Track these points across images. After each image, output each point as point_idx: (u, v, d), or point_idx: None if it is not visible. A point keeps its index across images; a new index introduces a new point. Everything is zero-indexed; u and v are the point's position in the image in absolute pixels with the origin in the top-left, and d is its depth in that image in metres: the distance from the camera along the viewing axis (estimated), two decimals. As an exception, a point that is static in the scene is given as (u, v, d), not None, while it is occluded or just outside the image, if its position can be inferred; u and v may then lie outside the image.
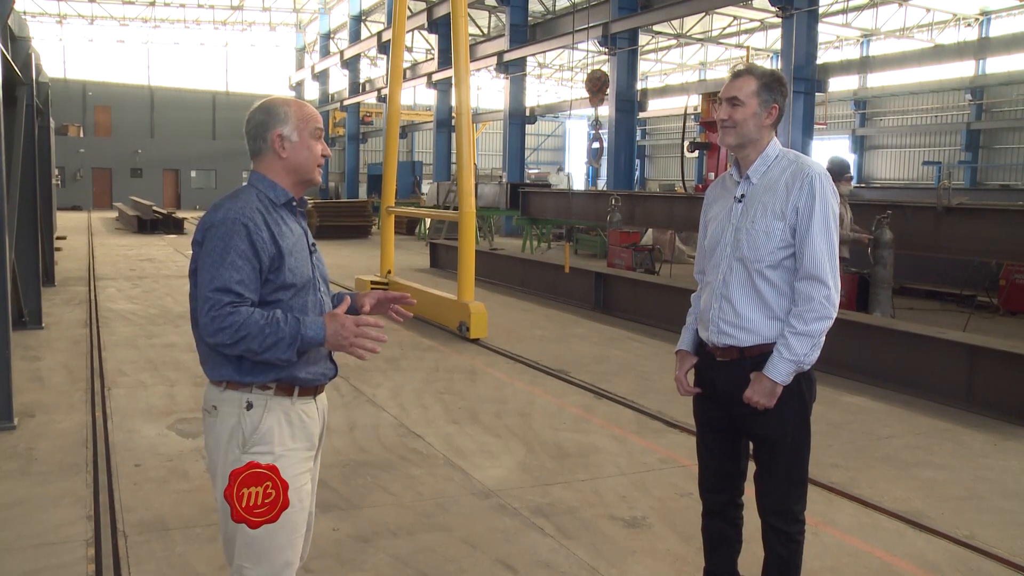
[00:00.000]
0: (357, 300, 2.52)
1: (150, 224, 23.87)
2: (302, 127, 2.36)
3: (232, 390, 2.30)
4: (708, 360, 2.85)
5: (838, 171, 8.22)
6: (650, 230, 16.47)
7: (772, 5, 16.22)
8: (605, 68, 21.04)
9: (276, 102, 2.38)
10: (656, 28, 30.02)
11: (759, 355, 2.70)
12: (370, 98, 36.55)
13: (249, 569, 2.29)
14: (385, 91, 22.37)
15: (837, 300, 2.65)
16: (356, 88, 37.29)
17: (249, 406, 2.28)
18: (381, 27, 32.93)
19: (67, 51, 43.47)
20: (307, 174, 2.39)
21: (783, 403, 2.67)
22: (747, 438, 2.86)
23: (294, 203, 2.39)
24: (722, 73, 39.39)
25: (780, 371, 2.62)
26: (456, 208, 9.38)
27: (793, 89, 15.98)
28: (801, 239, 2.63)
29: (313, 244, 2.45)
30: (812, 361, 2.66)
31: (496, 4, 27.81)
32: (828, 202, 2.64)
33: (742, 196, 2.76)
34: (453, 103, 12.16)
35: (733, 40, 35.03)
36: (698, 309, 2.94)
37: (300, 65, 46.83)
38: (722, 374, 2.79)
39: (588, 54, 38.67)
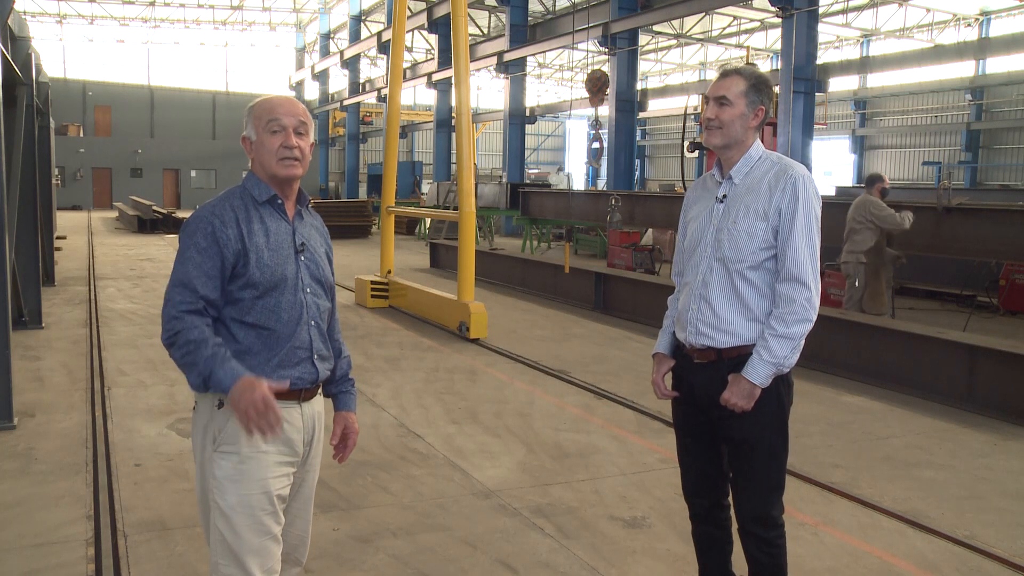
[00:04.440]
0: (337, 420, 2.56)
1: (150, 224, 23.89)
2: (258, 124, 2.35)
3: None
4: (685, 362, 2.82)
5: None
6: (650, 230, 16.47)
7: (772, 5, 16.20)
8: (605, 68, 21.02)
9: (252, 104, 2.40)
10: (656, 28, 30.01)
11: (737, 357, 2.67)
12: (370, 98, 36.53)
13: (224, 566, 2.28)
14: (385, 91, 22.38)
15: (818, 302, 2.63)
16: (356, 88, 37.27)
17: (220, 404, 2.28)
18: (381, 27, 32.92)
19: (67, 51, 43.48)
20: (268, 170, 2.35)
21: (760, 406, 2.64)
22: (724, 443, 2.81)
23: (279, 200, 2.38)
24: (722, 73, 39.35)
25: (759, 373, 2.60)
26: (456, 208, 9.38)
27: (793, 89, 15.98)
28: (783, 241, 2.62)
29: (301, 244, 2.40)
30: (792, 364, 2.63)
31: (496, 4, 27.81)
32: (811, 204, 2.62)
33: (724, 197, 2.74)
34: (453, 103, 12.15)
35: (733, 40, 35.01)
36: (675, 311, 2.91)
37: (300, 65, 46.81)
38: (699, 376, 2.75)
39: (588, 54, 38.67)
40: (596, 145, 20.23)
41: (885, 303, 8.77)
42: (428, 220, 22.57)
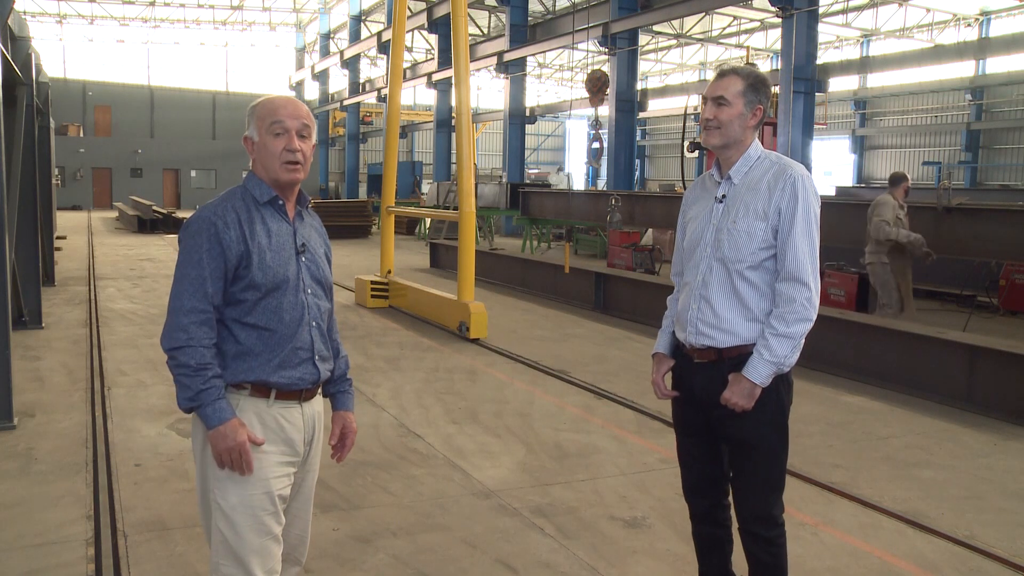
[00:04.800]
0: (335, 420, 2.57)
1: (150, 224, 23.88)
2: (260, 126, 2.34)
3: None
4: (685, 362, 2.82)
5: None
6: (650, 230, 16.47)
7: (772, 5, 16.20)
8: (605, 68, 21.02)
9: (254, 103, 2.39)
10: (656, 28, 30.01)
11: (737, 356, 2.67)
12: (370, 98, 36.53)
13: (225, 566, 2.28)
14: (385, 91, 22.37)
15: (817, 302, 2.63)
16: (356, 88, 37.28)
17: None
18: (381, 27, 32.93)
19: (67, 51, 43.51)
20: (271, 173, 2.34)
21: (761, 405, 2.64)
22: (724, 443, 2.82)
23: (280, 201, 2.37)
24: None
25: (760, 372, 2.60)
26: (456, 208, 9.38)
27: (793, 89, 15.97)
28: (783, 240, 2.62)
29: (302, 245, 2.39)
30: (792, 363, 2.64)
31: (496, 4, 27.81)
32: (810, 204, 2.63)
33: (723, 196, 2.74)
34: (453, 103, 12.15)
35: (733, 40, 35.02)
36: (674, 311, 2.91)
37: (300, 65, 46.82)
38: (700, 376, 2.76)
39: (588, 54, 38.67)
40: (596, 145, 20.22)
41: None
42: (428, 220, 22.57)
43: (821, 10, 23.59)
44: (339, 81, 41.21)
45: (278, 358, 2.31)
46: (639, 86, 22.49)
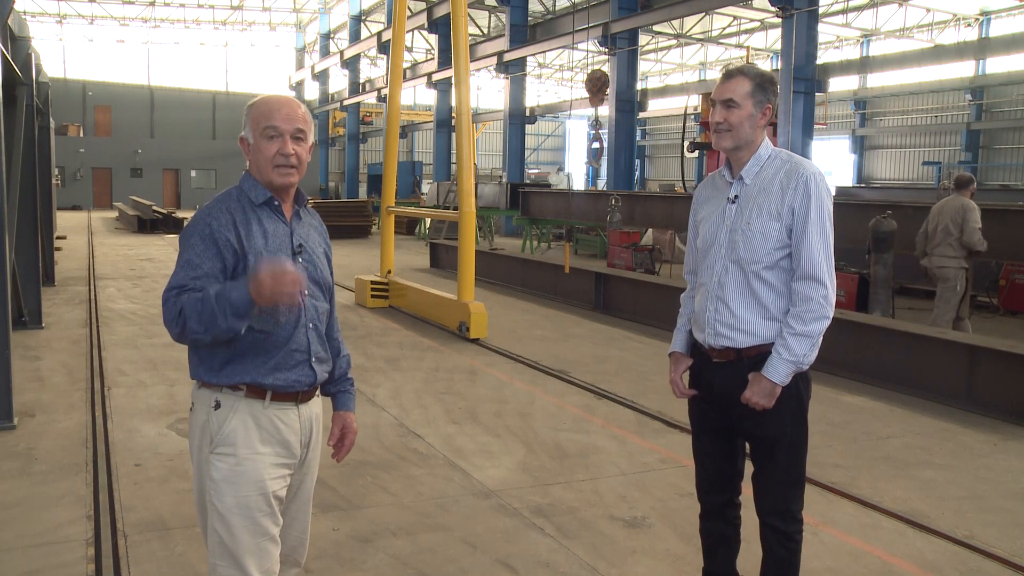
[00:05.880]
0: (335, 419, 2.55)
1: (150, 224, 23.89)
2: (254, 128, 2.31)
3: (205, 389, 2.31)
4: (704, 361, 2.82)
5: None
6: (650, 230, 16.47)
7: (772, 5, 16.21)
8: (605, 68, 21.03)
9: (250, 103, 2.36)
10: (656, 28, 30.01)
11: (757, 356, 2.68)
12: (370, 98, 36.55)
13: (222, 567, 2.28)
14: (385, 91, 22.38)
15: (834, 299, 2.64)
16: (356, 88, 37.29)
17: (217, 405, 2.28)
18: (381, 27, 32.93)
19: (67, 51, 43.51)
20: (264, 175, 2.32)
21: (781, 403, 2.66)
22: (744, 439, 2.85)
23: (276, 202, 2.35)
24: (722, 73, 39.38)
25: (780, 372, 2.61)
26: (456, 208, 9.38)
27: (793, 89, 15.98)
28: (798, 239, 2.62)
29: (299, 246, 2.37)
30: (811, 361, 2.64)
31: (496, 4, 27.81)
32: (823, 202, 2.63)
33: (735, 197, 2.73)
34: (453, 103, 12.16)
35: (733, 40, 35.03)
36: (689, 310, 2.92)
37: (300, 65, 46.84)
38: (719, 375, 2.76)
39: (588, 54, 38.68)
40: (596, 145, 20.25)
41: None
42: (428, 220, 22.57)
43: (821, 10, 23.58)
44: (339, 81, 41.22)
45: (274, 360, 2.29)
46: (639, 86, 22.50)
